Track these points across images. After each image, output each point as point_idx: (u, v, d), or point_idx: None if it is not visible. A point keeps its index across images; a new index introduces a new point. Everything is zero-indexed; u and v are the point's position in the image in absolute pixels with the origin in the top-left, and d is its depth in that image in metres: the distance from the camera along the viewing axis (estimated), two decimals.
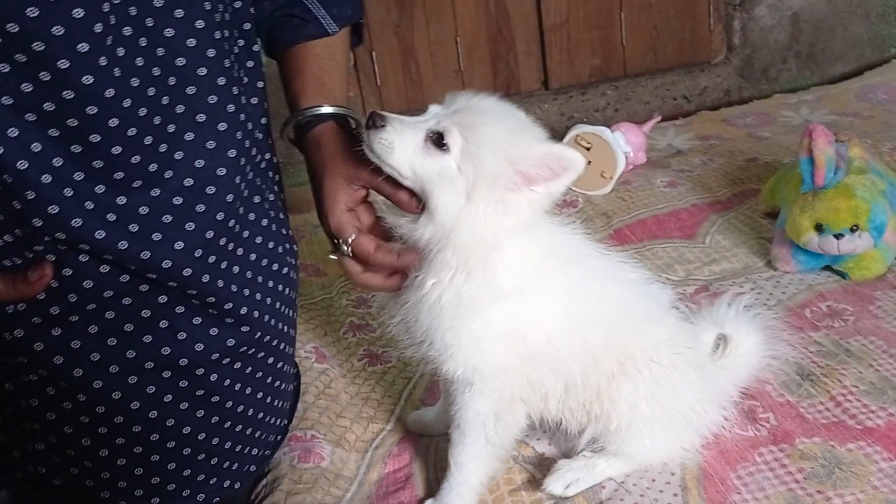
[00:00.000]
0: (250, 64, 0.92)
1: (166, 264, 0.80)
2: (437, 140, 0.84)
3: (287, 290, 0.99)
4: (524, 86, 2.35)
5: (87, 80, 0.72)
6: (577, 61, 2.34)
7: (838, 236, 1.32)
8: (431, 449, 1.12)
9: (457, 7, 2.22)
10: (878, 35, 2.43)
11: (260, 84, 0.93)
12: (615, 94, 2.35)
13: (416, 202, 0.86)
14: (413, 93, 2.27)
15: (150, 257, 0.79)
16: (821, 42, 2.40)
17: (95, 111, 0.73)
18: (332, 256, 0.93)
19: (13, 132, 0.71)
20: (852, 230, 1.32)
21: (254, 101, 0.91)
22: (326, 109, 0.93)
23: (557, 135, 1.88)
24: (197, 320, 0.85)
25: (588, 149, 1.79)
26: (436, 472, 1.08)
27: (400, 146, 0.84)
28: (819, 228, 1.33)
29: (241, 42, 0.90)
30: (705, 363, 1.06)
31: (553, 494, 1.00)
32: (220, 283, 0.85)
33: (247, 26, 0.90)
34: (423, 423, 1.15)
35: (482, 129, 0.85)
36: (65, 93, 0.72)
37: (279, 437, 1.06)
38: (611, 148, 1.78)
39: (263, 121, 0.94)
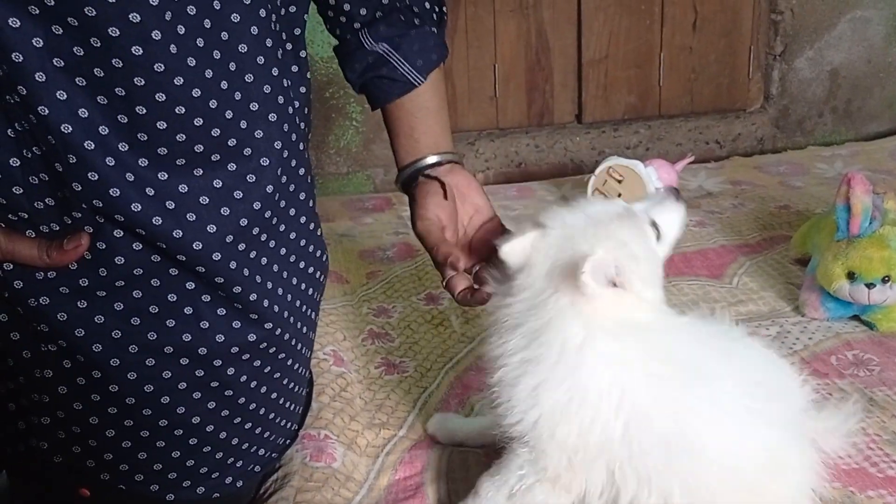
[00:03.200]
0: (295, 69, 0.93)
1: (197, 246, 0.80)
2: None
3: (313, 291, 0.98)
4: (558, 118, 2.37)
5: (137, 51, 0.72)
6: (612, 97, 2.35)
7: (870, 286, 1.31)
8: (444, 459, 1.11)
9: (498, 34, 2.24)
10: None
11: (303, 89, 0.94)
12: (648, 134, 2.36)
13: None
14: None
15: (182, 237, 0.79)
16: (857, 99, 2.41)
17: (143, 83, 0.73)
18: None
19: (62, 95, 0.71)
20: (884, 281, 1.30)
21: (295, 104, 0.92)
22: (418, 165, 0.99)
23: (588, 168, 1.89)
24: (221, 311, 0.85)
25: (619, 181, 1.80)
26: (447, 483, 1.07)
27: None
28: (851, 276, 1.32)
29: (290, 46, 0.91)
30: None
31: None
32: (246, 273, 0.85)
33: (297, 31, 0.92)
34: (445, 428, 1.14)
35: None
36: (114, 61, 0.72)
37: (287, 441, 1.05)
38: (642, 182, 1.78)
39: (303, 124, 0.95)
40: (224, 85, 0.79)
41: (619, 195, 1.80)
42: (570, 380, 0.86)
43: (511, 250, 0.88)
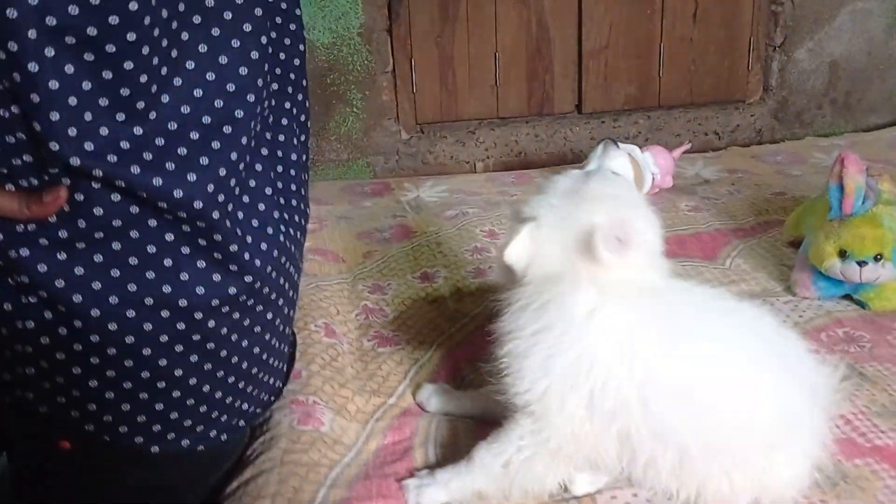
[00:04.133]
0: (293, 27, 0.94)
1: (178, 194, 0.81)
2: None
3: (293, 248, 0.99)
4: (558, 107, 2.37)
5: (133, 6, 0.73)
6: (612, 88, 2.36)
7: (861, 264, 1.31)
8: (433, 427, 1.11)
9: (499, 23, 2.25)
10: None
11: (297, 62, 0.95)
12: (647, 124, 2.37)
13: None
14: (447, 103, 2.30)
15: (162, 185, 0.80)
16: (857, 91, 2.41)
17: (133, 38, 0.74)
18: None
19: (49, 51, 0.72)
20: (876, 259, 1.31)
21: (277, 56, 0.93)
22: None
23: (586, 156, 1.89)
24: (201, 264, 0.86)
25: None
26: (435, 448, 1.07)
27: None
28: (843, 255, 1.33)
29: (284, 5, 0.92)
30: None
31: (579, 495, 0.96)
32: (228, 224, 0.86)
33: None
34: (434, 397, 1.15)
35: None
36: (111, 18, 0.73)
37: (271, 398, 1.06)
38: (639, 167, 1.78)
39: (293, 75, 0.96)
40: (203, 48, 0.81)
41: None
42: (581, 344, 0.88)
43: (514, 253, 0.91)
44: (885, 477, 0.97)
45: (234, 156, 0.85)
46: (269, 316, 0.95)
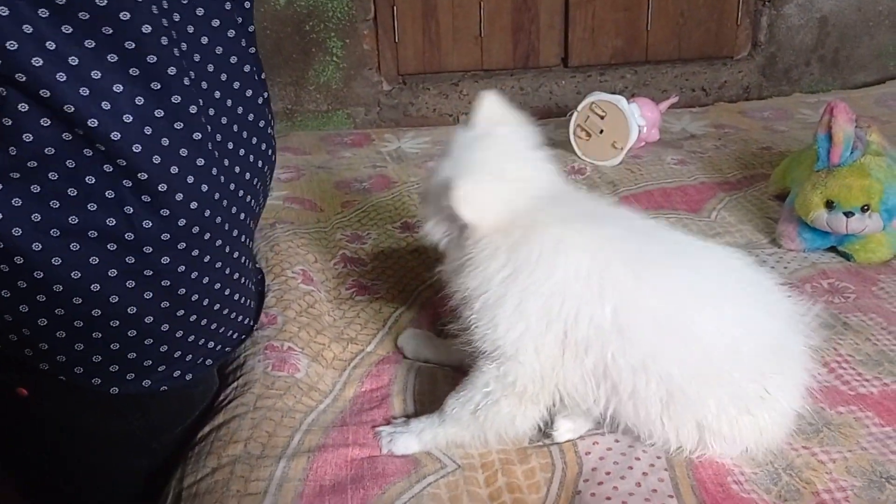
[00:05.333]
0: None
1: (115, 136, 0.78)
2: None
3: (251, 177, 0.96)
4: (543, 60, 2.32)
5: None
6: (599, 41, 2.31)
7: (848, 214, 1.29)
8: (411, 374, 1.09)
9: None
10: None
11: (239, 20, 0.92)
12: (634, 79, 2.33)
13: None
14: (430, 53, 2.24)
15: (98, 125, 0.77)
16: (846, 48, 2.38)
17: None
18: None
19: None
20: (863, 210, 1.29)
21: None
22: None
23: (572, 110, 1.86)
24: (146, 198, 0.82)
25: (602, 117, 1.77)
26: (413, 395, 1.05)
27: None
28: (829, 205, 1.31)
29: None
30: None
31: (560, 441, 0.95)
32: (151, 159, 0.82)
33: None
34: (413, 343, 1.13)
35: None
36: None
37: (242, 336, 1.03)
38: (625, 118, 1.75)
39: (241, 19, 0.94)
40: None
41: (601, 131, 1.77)
42: (552, 278, 0.86)
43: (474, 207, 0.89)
44: (868, 424, 0.96)
45: (176, 99, 0.82)
46: (227, 249, 0.91)
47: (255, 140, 0.94)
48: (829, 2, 2.31)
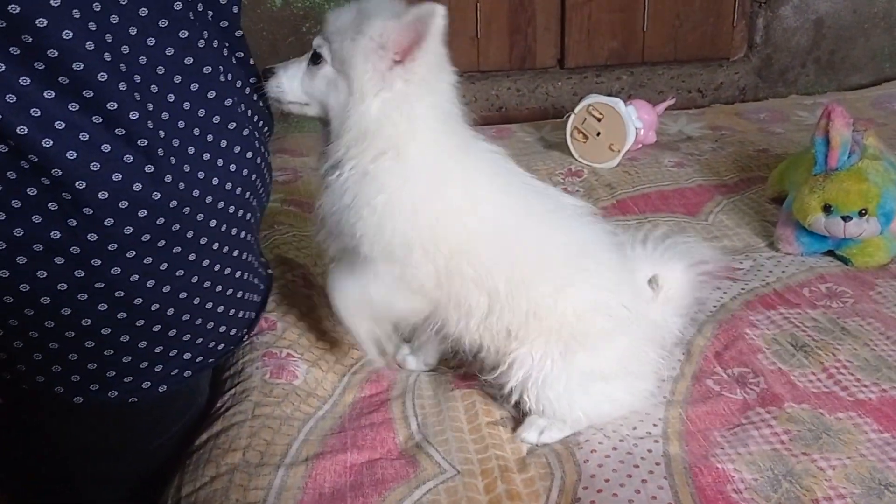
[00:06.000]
0: None
1: (46, 143, 0.75)
2: (315, 58, 0.93)
3: (238, 168, 0.94)
4: (540, 62, 2.32)
5: None
6: (595, 42, 2.30)
7: (846, 219, 1.29)
8: (411, 378, 1.09)
9: None
10: None
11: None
12: (630, 80, 2.33)
13: None
14: None
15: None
16: (841, 50, 2.38)
17: None
18: None
19: None
20: (861, 214, 1.29)
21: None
22: None
23: (568, 112, 1.86)
24: (87, 210, 0.79)
25: (599, 119, 1.76)
26: (413, 399, 1.05)
27: (287, 82, 0.95)
28: (827, 210, 1.31)
29: None
30: (641, 315, 1.02)
31: (528, 442, 0.98)
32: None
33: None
34: (409, 359, 1.13)
35: (337, 23, 0.91)
36: None
37: (220, 346, 0.99)
38: (622, 120, 1.75)
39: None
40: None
41: (598, 134, 1.77)
42: (437, 193, 0.92)
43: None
44: (867, 430, 0.96)
45: (122, 86, 0.79)
46: (191, 257, 0.87)
47: (224, 143, 0.90)
48: (824, 3, 2.32)
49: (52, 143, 0.75)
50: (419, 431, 0.99)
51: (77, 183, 0.77)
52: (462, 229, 0.92)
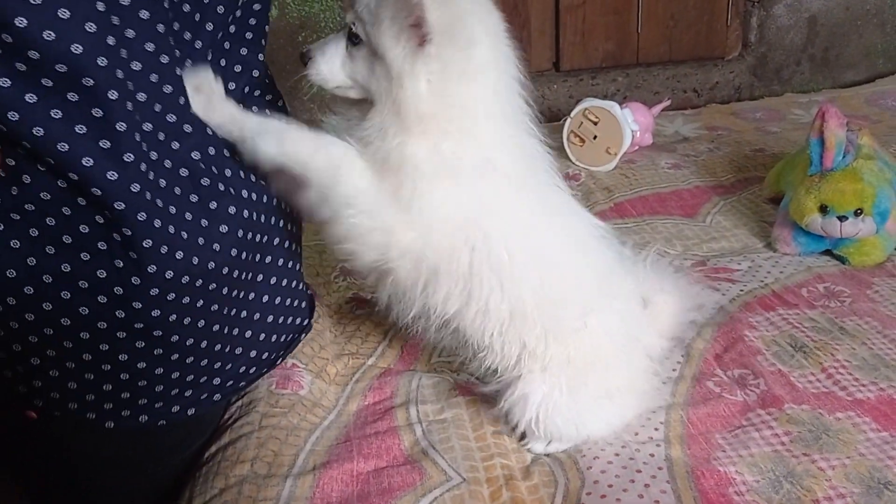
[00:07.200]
0: None
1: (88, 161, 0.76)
2: (353, 38, 0.85)
3: (269, 201, 0.95)
4: (535, 65, 2.33)
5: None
6: (590, 44, 2.32)
7: (842, 219, 1.31)
8: (414, 384, 1.10)
9: None
10: (892, 46, 2.43)
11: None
12: (626, 81, 2.34)
13: None
14: None
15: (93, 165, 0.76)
16: (835, 47, 2.39)
17: None
18: None
19: None
20: (856, 214, 1.30)
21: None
22: None
23: (565, 115, 1.87)
24: (133, 255, 0.80)
25: (595, 123, 1.78)
26: (417, 405, 1.06)
27: (326, 66, 0.87)
28: (823, 210, 1.32)
29: None
30: (642, 334, 1.03)
31: (535, 452, 0.98)
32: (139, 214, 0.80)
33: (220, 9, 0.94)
34: None
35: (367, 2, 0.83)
36: None
37: (261, 370, 1.01)
38: (618, 124, 1.76)
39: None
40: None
41: (595, 137, 1.78)
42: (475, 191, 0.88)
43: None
44: (866, 430, 0.97)
45: (148, 126, 0.79)
46: (226, 291, 0.89)
47: (253, 176, 0.91)
48: (817, 1, 2.33)
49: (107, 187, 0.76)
50: (424, 438, 1.00)
51: (125, 229, 0.78)
52: (504, 229, 0.89)
